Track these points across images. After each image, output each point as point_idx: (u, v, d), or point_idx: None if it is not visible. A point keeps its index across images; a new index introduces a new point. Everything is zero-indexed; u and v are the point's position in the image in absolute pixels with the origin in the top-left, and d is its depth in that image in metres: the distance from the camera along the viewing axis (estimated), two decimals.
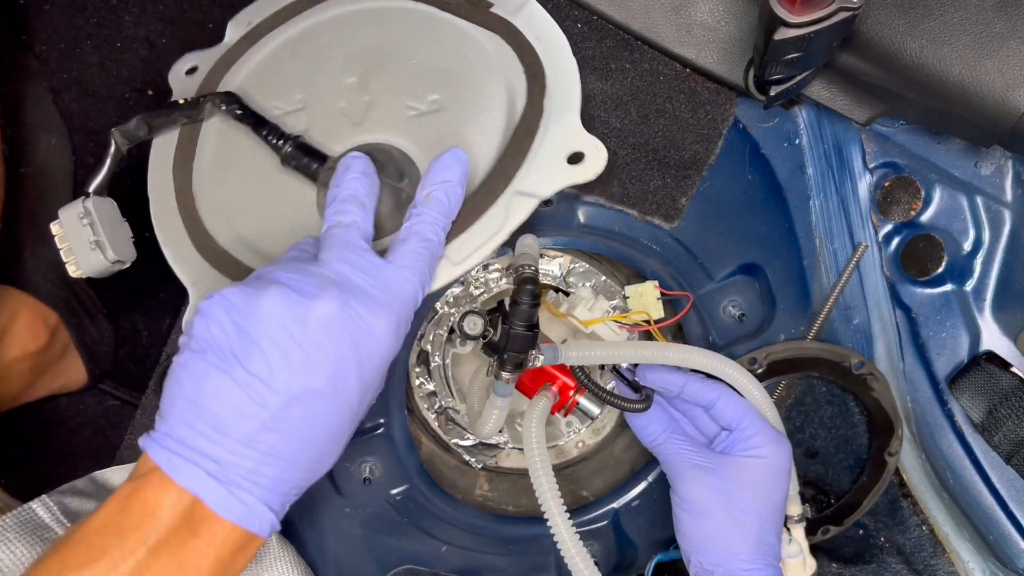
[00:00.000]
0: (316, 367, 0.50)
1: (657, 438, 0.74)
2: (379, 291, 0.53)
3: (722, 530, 0.70)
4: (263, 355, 0.50)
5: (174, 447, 0.50)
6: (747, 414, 0.73)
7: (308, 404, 0.51)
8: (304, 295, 0.51)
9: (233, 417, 0.50)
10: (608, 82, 0.77)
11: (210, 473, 0.49)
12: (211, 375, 0.50)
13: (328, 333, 0.51)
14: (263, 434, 0.50)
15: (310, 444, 0.52)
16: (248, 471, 0.50)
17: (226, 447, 0.50)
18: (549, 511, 0.69)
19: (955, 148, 0.80)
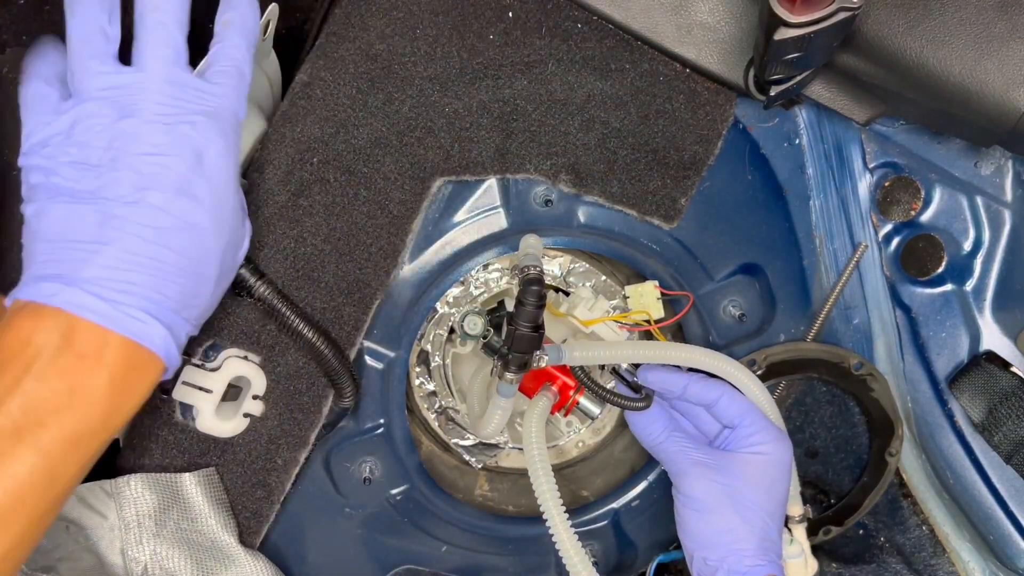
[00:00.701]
0: (157, 171, 0.51)
1: (658, 437, 0.74)
2: (194, 101, 0.53)
3: (727, 526, 0.70)
4: (100, 174, 0.50)
5: (40, 281, 0.49)
6: (749, 412, 0.73)
7: (161, 205, 0.50)
8: (109, 109, 0.51)
9: (88, 236, 0.49)
10: (608, 82, 0.77)
11: (84, 288, 0.48)
12: (58, 208, 0.50)
13: (152, 140, 0.51)
14: (126, 243, 0.49)
15: (176, 249, 0.51)
16: (120, 281, 0.49)
17: (96, 264, 0.49)
18: (548, 512, 0.69)
19: (955, 148, 0.80)
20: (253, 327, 0.71)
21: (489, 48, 0.75)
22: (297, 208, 0.72)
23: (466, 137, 0.75)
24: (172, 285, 0.51)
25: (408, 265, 0.76)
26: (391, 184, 0.74)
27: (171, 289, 0.51)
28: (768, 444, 0.72)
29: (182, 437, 0.71)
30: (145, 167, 0.51)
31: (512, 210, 0.77)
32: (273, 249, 0.72)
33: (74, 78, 0.53)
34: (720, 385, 0.74)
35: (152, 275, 0.50)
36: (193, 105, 0.53)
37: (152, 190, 0.50)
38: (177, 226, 0.51)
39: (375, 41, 0.74)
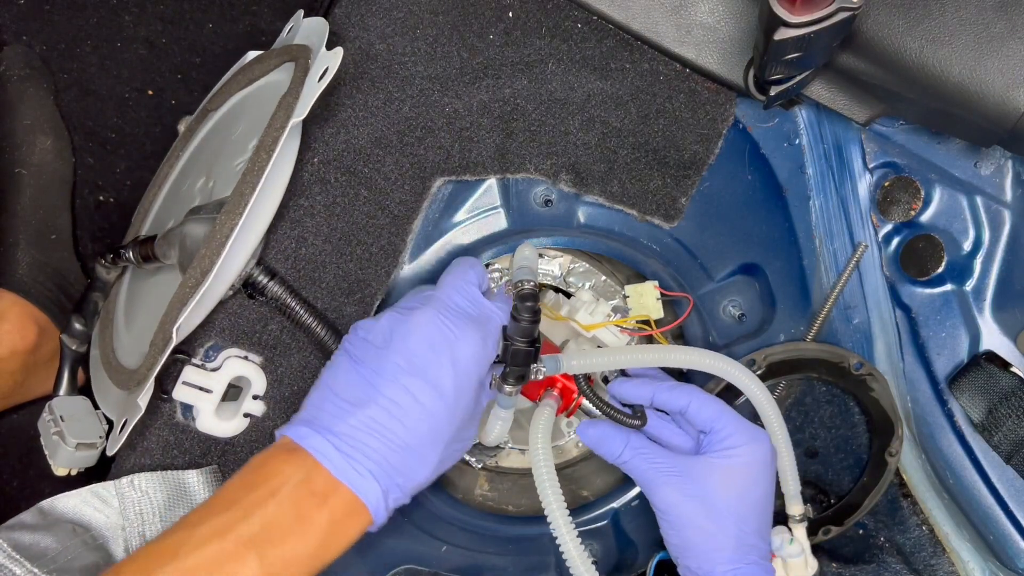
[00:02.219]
0: (418, 361, 0.61)
1: (622, 456, 0.73)
2: (472, 309, 0.64)
3: (701, 534, 0.70)
4: (377, 353, 0.61)
5: (302, 424, 0.59)
6: (721, 415, 0.72)
7: (411, 389, 0.60)
8: (406, 310, 0.64)
9: (350, 397, 0.60)
10: (608, 82, 0.77)
11: (329, 440, 0.58)
12: (340, 369, 0.62)
13: (429, 334, 0.61)
14: (373, 411, 0.59)
15: (411, 428, 0.60)
16: (358, 441, 0.58)
17: (345, 422, 0.59)
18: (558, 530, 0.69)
19: (955, 148, 0.80)
20: (253, 327, 0.71)
21: (489, 48, 0.75)
22: (298, 208, 0.72)
23: (466, 137, 0.75)
24: (397, 456, 0.59)
25: (409, 265, 0.76)
26: (391, 184, 0.74)
27: (395, 459, 0.59)
28: (740, 447, 0.71)
29: (183, 437, 0.71)
30: (411, 357, 0.61)
31: (512, 210, 0.77)
32: (274, 249, 0.72)
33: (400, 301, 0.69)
34: (689, 391, 0.73)
35: (384, 443, 0.59)
36: (464, 312, 0.64)
37: (408, 377, 0.60)
38: (417, 410, 0.60)
39: (375, 41, 0.74)
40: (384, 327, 0.63)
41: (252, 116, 0.75)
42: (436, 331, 0.62)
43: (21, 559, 0.62)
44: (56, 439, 0.74)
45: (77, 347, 0.83)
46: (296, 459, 0.58)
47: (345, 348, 0.64)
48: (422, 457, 0.61)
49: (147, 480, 0.68)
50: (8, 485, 1.05)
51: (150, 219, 0.85)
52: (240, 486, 0.58)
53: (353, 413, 0.59)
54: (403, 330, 0.62)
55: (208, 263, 0.61)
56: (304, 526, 0.56)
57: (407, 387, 0.60)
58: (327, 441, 0.58)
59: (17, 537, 0.63)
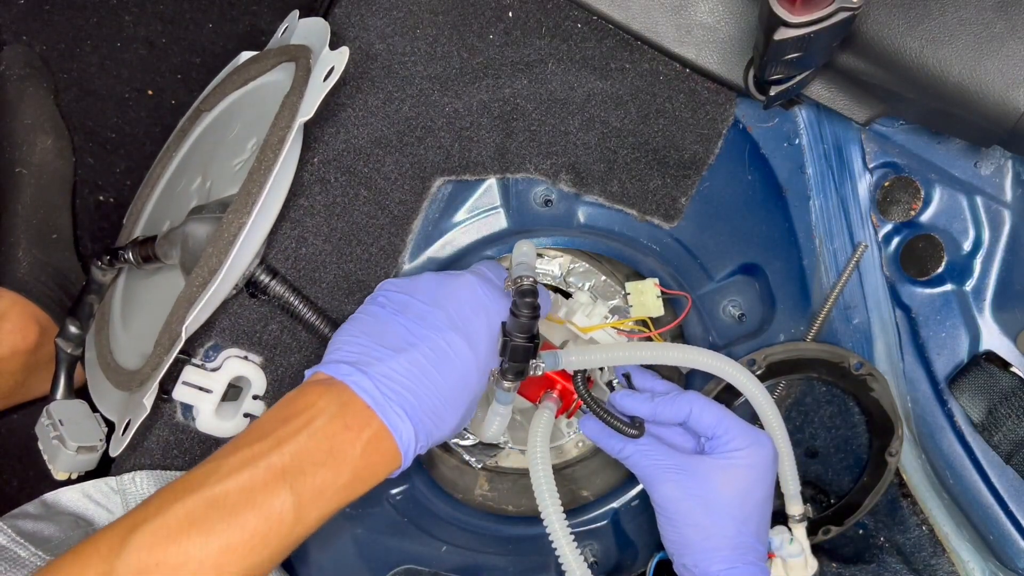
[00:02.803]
0: (460, 319, 0.64)
1: (623, 451, 0.74)
2: (501, 285, 0.68)
3: (700, 533, 0.70)
4: (421, 307, 0.64)
5: (342, 363, 0.61)
6: (723, 420, 0.73)
7: (451, 343, 0.62)
8: (447, 274, 0.68)
9: (389, 343, 0.62)
10: (608, 82, 0.77)
11: (369, 376, 0.59)
12: (377, 318, 0.64)
13: (471, 296, 0.65)
14: (415, 356, 0.61)
15: (447, 377, 0.62)
16: (397, 382, 0.60)
17: (386, 364, 0.60)
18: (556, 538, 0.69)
19: (955, 148, 0.80)
20: (254, 327, 0.71)
21: (489, 48, 0.75)
22: (298, 208, 0.72)
23: (466, 137, 0.75)
24: (432, 402, 0.61)
25: (408, 265, 0.76)
26: (391, 184, 0.74)
27: (429, 404, 0.61)
28: (743, 449, 0.72)
29: (183, 437, 0.71)
30: (453, 313, 0.64)
31: (512, 210, 0.77)
32: (275, 249, 0.72)
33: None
34: (688, 400, 0.73)
35: (422, 387, 0.61)
36: (497, 285, 0.68)
37: (450, 331, 0.63)
38: (455, 363, 0.63)
39: (375, 41, 0.74)
40: (427, 285, 0.66)
41: (249, 116, 0.75)
42: (477, 295, 0.65)
43: (25, 543, 0.63)
44: (56, 443, 0.74)
45: (72, 350, 0.83)
46: (331, 393, 0.59)
47: (379, 301, 0.66)
48: (453, 408, 0.63)
49: (148, 478, 0.69)
50: (8, 485, 1.05)
51: (143, 220, 0.85)
52: (273, 419, 0.58)
53: (394, 357, 0.61)
54: (448, 289, 0.65)
55: (216, 262, 0.62)
56: (336, 459, 0.57)
57: (448, 340, 0.63)
58: (367, 377, 0.59)
59: (20, 524, 0.64)
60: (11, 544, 0.62)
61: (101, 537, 0.53)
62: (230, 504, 0.53)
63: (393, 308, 0.65)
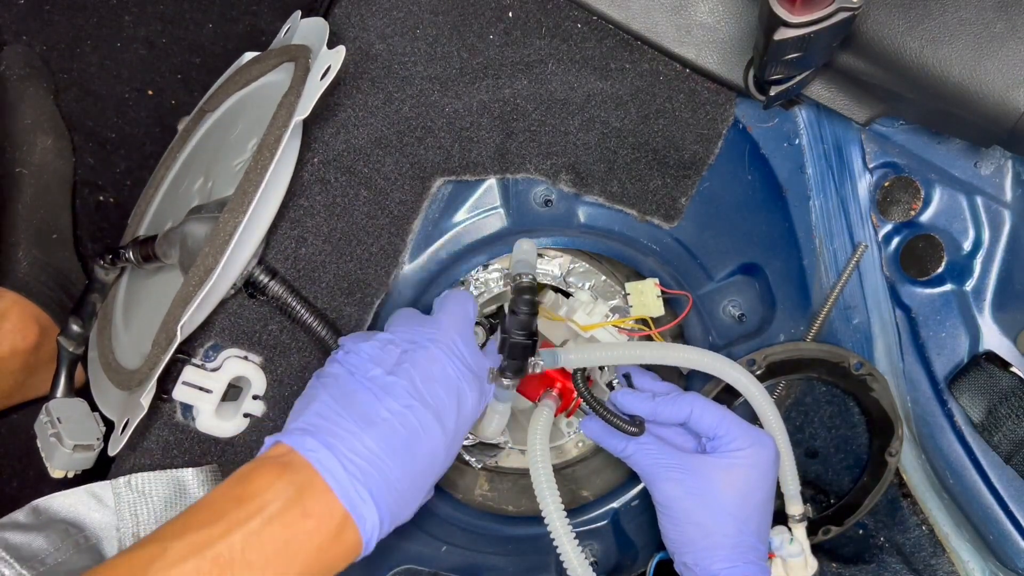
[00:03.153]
0: (430, 398, 0.60)
1: (625, 450, 0.74)
2: (472, 360, 0.64)
3: (700, 531, 0.70)
4: (385, 376, 0.60)
5: (305, 435, 0.56)
6: (723, 420, 0.73)
7: (422, 421, 0.59)
8: (412, 343, 0.63)
9: (357, 413, 0.57)
10: (608, 82, 0.77)
11: (336, 456, 0.55)
12: (344, 382, 0.60)
13: (438, 375, 0.61)
14: (385, 433, 0.57)
15: (419, 458, 0.59)
16: (366, 463, 0.56)
17: (357, 440, 0.56)
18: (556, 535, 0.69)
19: (955, 148, 0.80)
20: (253, 327, 0.71)
21: (489, 48, 0.75)
22: (298, 208, 0.72)
23: (466, 137, 0.75)
24: (399, 483, 0.57)
25: (408, 265, 0.76)
26: (391, 184, 0.74)
27: (396, 486, 0.57)
28: (744, 449, 0.72)
29: (182, 437, 0.71)
30: (423, 387, 0.60)
31: (512, 210, 0.77)
32: (274, 249, 0.72)
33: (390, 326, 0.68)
34: (688, 401, 0.74)
35: (392, 468, 0.57)
36: (468, 363, 0.64)
37: (421, 407, 0.59)
38: (424, 440, 0.59)
39: (375, 41, 0.74)
40: (390, 354, 0.62)
41: (251, 116, 0.75)
42: (448, 376, 0.62)
43: (11, 560, 0.61)
44: (53, 441, 0.74)
45: (74, 349, 0.83)
46: (289, 474, 0.54)
47: (341, 362, 0.62)
48: (419, 491, 0.60)
49: (144, 480, 0.68)
50: (8, 485, 1.05)
51: (147, 220, 0.85)
52: (227, 497, 0.54)
53: (365, 431, 0.57)
54: (415, 362, 0.61)
55: (212, 261, 0.61)
56: (291, 552, 0.52)
57: (420, 418, 0.59)
58: (334, 457, 0.55)
59: (8, 537, 0.63)
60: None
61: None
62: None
63: (358, 373, 0.61)
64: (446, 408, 0.61)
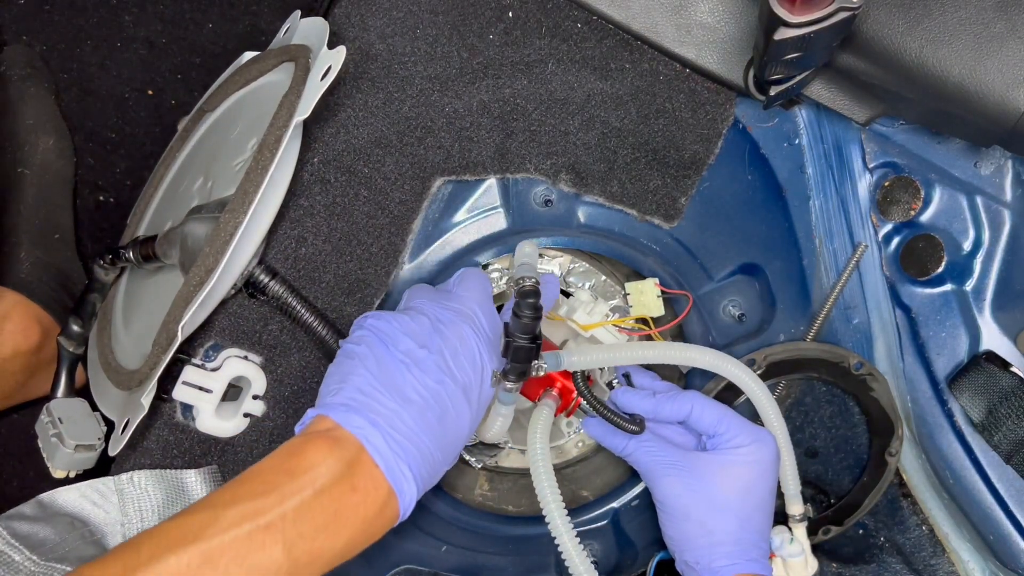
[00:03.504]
0: (460, 374, 0.62)
1: (626, 448, 0.74)
2: (494, 335, 0.67)
3: (701, 529, 0.70)
4: (421, 352, 0.62)
5: (351, 411, 0.58)
6: (723, 418, 0.73)
7: (454, 398, 0.61)
8: (440, 320, 0.64)
9: (397, 390, 0.60)
10: (608, 82, 0.77)
11: (382, 433, 0.57)
12: (384, 358, 0.61)
13: (467, 352, 0.64)
14: (425, 410, 0.60)
15: (450, 432, 0.61)
16: (409, 440, 0.58)
17: (399, 418, 0.58)
18: (556, 529, 0.69)
19: (955, 148, 0.80)
20: (254, 327, 0.72)
21: (489, 48, 0.75)
22: (298, 208, 0.72)
23: (466, 137, 0.75)
24: (432, 456, 0.60)
25: (408, 265, 0.76)
26: (391, 184, 0.74)
27: (431, 459, 0.60)
28: (745, 447, 0.72)
29: (182, 437, 0.71)
30: (452, 364, 0.62)
31: (512, 210, 0.77)
32: (274, 249, 0.72)
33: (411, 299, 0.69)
34: (689, 398, 0.74)
35: (427, 443, 0.59)
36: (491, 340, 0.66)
37: (451, 383, 0.62)
38: (457, 418, 0.62)
39: (375, 41, 0.74)
40: (422, 326, 0.64)
41: (250, 116, 0.75)
42: (474, 352, 0.64)
43: (20, 546, 0.62)
44: (55, 441, 0.74)
45: (75, 349, 0.83)
46: (339, 450, 0.57)
47: (373, 331, 0.63)
48: (447, 460, 0.62)
49: (146, 477, 0.68)
50: (8, 485, 1.05)
51: (146, 220, 0.85)
52: (278, 470, 0.56)
53: (405, 408, 0.59)
54: (445, 337, 0.63)
55: (213, 261, 0.62)
56: (339, 523, 0.55)
57: (450, 394, 0.62)
58: (380, 435, 0.58)
59: (15, 526, 0.64)
60: (6, 547, 0.62)
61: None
62: (224, 562, 0.51)
63: (392, 345, 0.62)
64: (472, 383, 0.63)
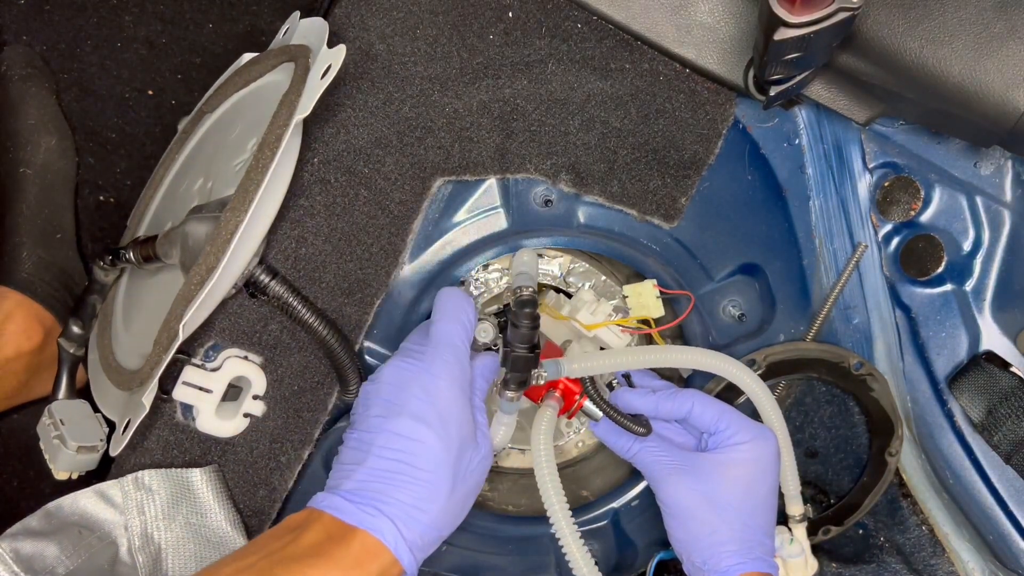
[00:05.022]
0: (392, 406, 0.64)
1: (631, 450, 0.74)
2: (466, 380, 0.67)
3: (707, 529, 0.70)
4: (359, 416, 0.65)
5: (319, 492, 0.63)
6: (724, 415, 0.73)
7: (396, 431, 0.62)
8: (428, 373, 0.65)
9: (351, 461, 0.63)
10: (608, 82, 0.77)
11: (342, 497, 0.61)
12: (344, 445, 0.65)
13: (389, 380, 0.65)
14: (371, 462, 0.62)
15: (408, 462, 0.62)
16: (365, 491, 0.61)
17: (351, 480, 0.62)
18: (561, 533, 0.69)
19: (955, 148, 0.80)
20: (254, 327, 0.72)
21: (489, 48, 0.75)
22: (298, 208, 0.72)
23: (466, 137, 0.75)
24: (405, 491, 0.61)
25: (408, 265, 0.76)
26: (391, 184, 0.74)
27: (404, 494, 0.61)
28: (745, 444, 0.72)
29: (182, 437, 0.71)
30: (383, 405, 0.64)
31: (512, 210, 0.77)
32: (275, 250, 0.72)
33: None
34: (689, 397, 0.74)
35: (388, 484, 0.61)
36: (419, 349, 0.67)
37: (389, 421, 0.63)
38: (408, 445, 0.62)
39: (375, 41, 0.74)
40: (363, 394, 0.67)
41: (250, 117, 0.75)
42: (398, 373, 0.65)
43: (21, 572, 0.63)
44: (56, 443, 0.74)
45: (75, 350, 0.83)
46: (317, 520, 0.60)
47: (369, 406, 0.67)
48: (430, 484, 0.62)
49: (151, 477, 0.69)
50: (8, 485, 1.05)
51: (147, 221, 0.85)
52: (270, 538, 0.60)
53: (355, 471, 0.62)
54: (372, 387, 0.66)
55: (213, 260, 0.62)
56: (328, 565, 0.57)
57: (392, 431, 0.62)
58: (340, 498, 0.61)
59: (20, 547, 0.64)
60: (6, 574, 0.63)
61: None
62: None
63: (350, 428, 0.66)
64: (413, 404, 0.64)
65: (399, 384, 0.65)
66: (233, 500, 0.73)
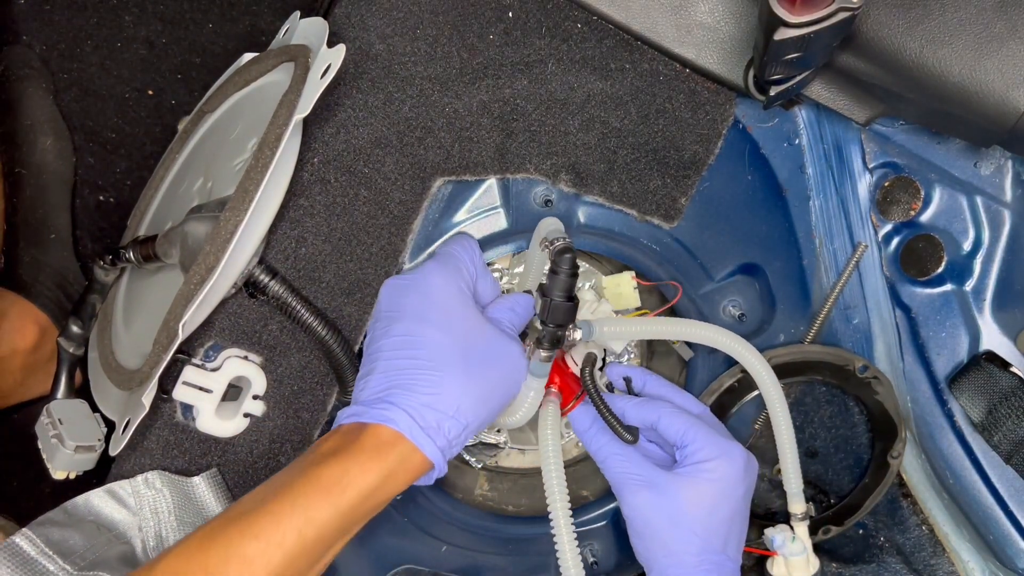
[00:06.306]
0: (388, 312, 0.67)
1: (600, 451, 0.73)
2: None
3: (664, 548, 0.69)
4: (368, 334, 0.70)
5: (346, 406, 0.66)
6: (691, 429, 0.71)
7: (392, 333, 0.65)
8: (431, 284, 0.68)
9: (366, 369, 0.66)
10: (608, 82, 0.77)
11: (360, 404, 0.64)
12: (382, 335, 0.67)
13: (385, 294, 0.70)
14: (377, 367, 0.65)
15: (413, 358, 0.64)
16: (382, 392, 0.63)
17: (363, 391, 0.65)
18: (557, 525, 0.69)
19: (955, 148, 0.80)
20: (253, 327, 0.72)
21: (489, 48, 0.75)
22: (298, 208, 0.72)
23: (466, 137, 0.75)
24: (415, 382, 0.63)
25: (408, 265, 0.76)
26: (391, 184, 0.74)
27: (415, 385, 0.63)
28: (712, 461, 0.70)
29: (182, 437, 0.71)
30: (380, 315, 0.69)
31: (512, 210, 0.77)
32: (274, 249, 0.72)
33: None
34: (658, 407, 0.73)
35: (398, 381, 0.63)
36: (413, 272, 0.70)
37: (386, 325, 0.66)
38: (416, 342, 0.64)
39: (375, 41, 0.74)
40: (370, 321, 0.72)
41: (250, 117, 0.75)
42: (393, 289, 0.69)
43: (53, 555, 0.63)
44: (55, 442, 0.74)
45: (75, 350, 0.83)
46: (345, 428, 0.63)
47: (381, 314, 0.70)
48: (441, 373, 0.63)
49: (160, 478, 0.69)
50: (8, 485, 1.05)
51: (147, 221, 0.85)
52: (299, 458, 0.63)
53: (368, 382, 0.64)
54: (375, 310, 0.71)
55: (213, 259, 0.62)
56: (352, 476, 0.59)
57: (394, 335, 0.65)
58: (358, 405, 0.63)
59: (48, 533, 0.65)
60: (40, 556, 0.63)
61: None
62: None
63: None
64: (417, 310, 0.66)
65: (396, 296, 0.68)
66: (234, 501, 0.73)
